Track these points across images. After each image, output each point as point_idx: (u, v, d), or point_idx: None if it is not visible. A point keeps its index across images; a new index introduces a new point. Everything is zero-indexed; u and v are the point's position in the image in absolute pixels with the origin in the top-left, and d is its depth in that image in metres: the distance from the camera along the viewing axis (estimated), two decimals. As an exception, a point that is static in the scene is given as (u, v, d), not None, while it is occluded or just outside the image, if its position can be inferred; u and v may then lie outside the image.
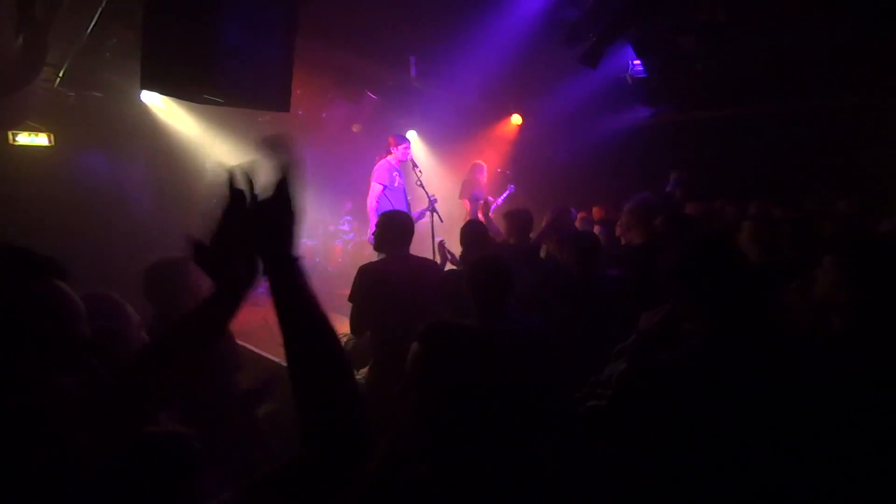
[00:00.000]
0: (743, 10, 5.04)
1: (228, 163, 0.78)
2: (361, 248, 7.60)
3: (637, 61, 6.11)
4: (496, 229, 4.38)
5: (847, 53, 5.52)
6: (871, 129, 5.83)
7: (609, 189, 6.58)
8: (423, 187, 5.17)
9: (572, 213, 4.45)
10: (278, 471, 0.71)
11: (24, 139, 5.58)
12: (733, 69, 6.16)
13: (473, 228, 3.46)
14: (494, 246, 3.63)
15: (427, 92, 6.90)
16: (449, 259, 3.55)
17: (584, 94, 6.76)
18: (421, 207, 5.37)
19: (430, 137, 8.47)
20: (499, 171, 7.39)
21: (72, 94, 5.56)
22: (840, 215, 3.89)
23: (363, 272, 2.77)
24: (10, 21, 3.63)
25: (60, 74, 4.96)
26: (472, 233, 3.39)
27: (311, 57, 4.99)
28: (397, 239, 2.85)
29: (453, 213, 6.37)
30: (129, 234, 5.75)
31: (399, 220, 2.96)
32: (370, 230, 5.00)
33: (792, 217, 3.27)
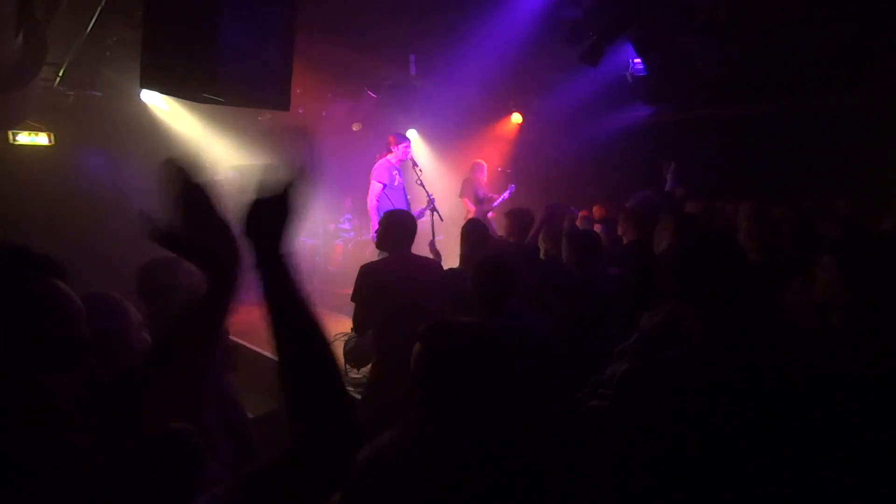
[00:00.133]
0: (743, 9, 5.04)
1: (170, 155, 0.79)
2: (362, 247, 7.59)
3: (637, 60, 6.11)
4: (493, 229, 4.37)
5: (847, 53, 5.52)
6: (871, 128, 5.83)
7: (610, 188, 6.59)
8: (424, 186, 5.17)
9: (573, 211, 4.43)
10: (268, 466, 0.72)
11: (24, 138, 5.59)
12: (733, 68, 6.16)
13: (474, 227, 3.46)
14: (495, 244, 3.63)
15: (427, 90, 6.90)
16: (435, 258, 3.54)
17: (585, 92, 6.76)
18: (421, 206, 5.36)
19: (431, 136, 8.46)
20: (499, 169, 7.39)
21: (71, 93, 5.56)
22: (840, 215, 3.90)
23: (365, 272, 2.78)
24: (9, 20, 3.62)
25: (60, 73, 4.96)
26: (473, 231, 3.39)
27: (311, 55, 4.99)
28: (399, 238, 2.86)
29: (453, 213, 6.37)
30: (128, 233, 5.74)
31: (402, 219, 2.97)
32: (372, 229, 5.00)
33: (791, 216, 3.27)
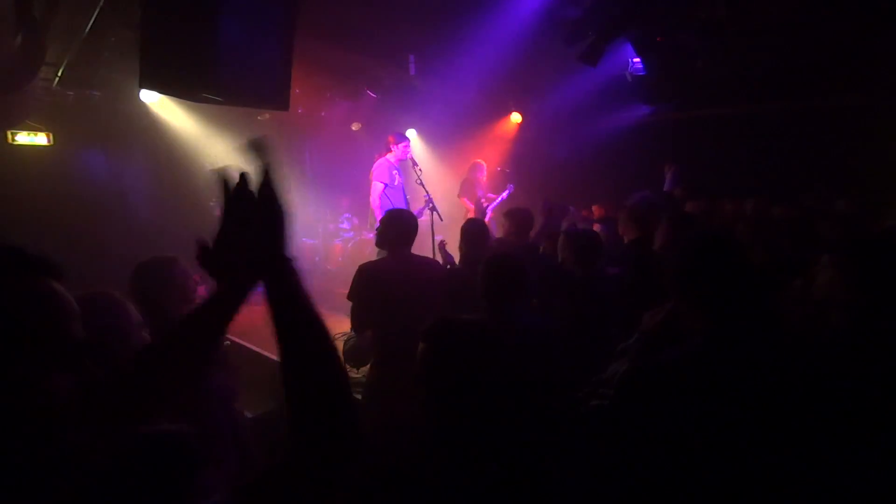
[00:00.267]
0: (743, 8, 5.04)
1: (221, 164, 0.78)
2: (362, 246, 7.59)
3: (637, 59, 6.10)
4: (492, 230, 4.37)
5: (847, 53, 5.52)
6: (872, 128, 5.82)
7: (609, 187, 6.58)
8: (423, 186, 5.17)
9: (569, 210, 4.43)
10: (268, 472, 0.71)
11: (24, 139, 5.58)
12: (733, 68, 6.15)
13: (474, 226, 3.46)
14: (501, 243, 3.62)
15: (426, 90, 6.89)
16: (448, 263, 3.54)
17: (584, 92, 6.75)
18: (420, 206, 5.36)
19: (430, 136, 8.46)
20: (498, 169, 7.38)
21: (71, 93, 5.56)
22: (840, 214, 3.89)
23: (362, 271, 2.78)
24: (8, 20, 3.62)
25: (59, 74, 4.96)
26: (473, 231, 3.39)
27: (310, 55, 4.98)
28: (400, 238, 2.85)
29: (453, 212, 6.36)
30: (128, 232, 5.75)
31: (403, 219, 2.97)
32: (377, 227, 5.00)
33: (791, 216, 3.27)
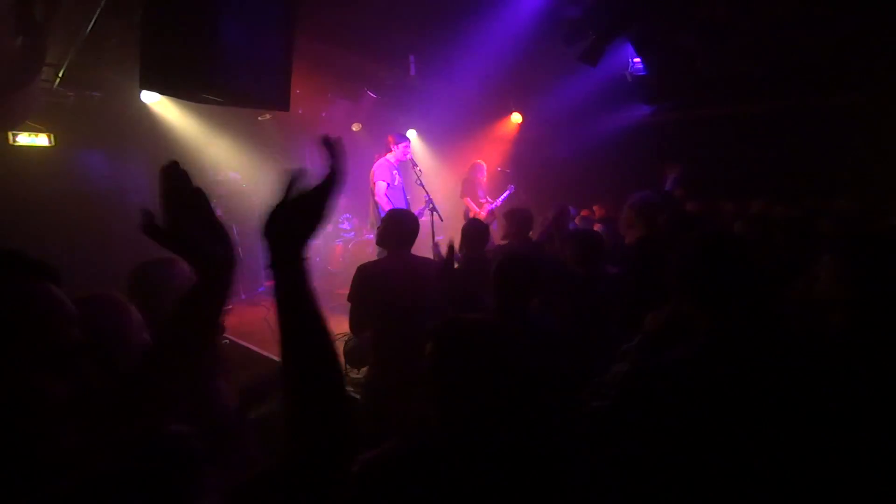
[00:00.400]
0: (743, 8, 5.03)
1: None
2: (362, 247, 7.59)
3: (637, 59, 6.11)
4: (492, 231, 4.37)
5: (848, 51, 5.51)
6: (872, 128, 5.82)
7: (610, 187, 6.59)
8: (423, 186, 5.17)
9: (570, 211, 4.45)
10: (263, 474, 0.71)
11: (25, 139, 5.57)
12: (733, 67, 6.15)
13: (475, 226, 3.46)
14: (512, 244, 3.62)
15: (427, 90, 6.89)
16: (436, 256, 3.53)
17: (584, 92, 6.76)
18: (420, 207, 5.36)
19: (430, 136, 8.46)
20: (498, 169, 7.39)
21: (71, 94, 5.55)
22: (840, 213, 3.89)
23: (361, 271, 2.78)
24: (9, 21, 3.62)
25: (60, 74, 4.96)
26: (474, 231, 3.39)
27: (310, 56, 4.99)
28: (400, 239, 2.85)
29: (453, 212, 6.36)
30: (129, 233, 5.73)
31: (405, 220, 2.96)
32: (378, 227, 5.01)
33: (792, 215, 3.26)
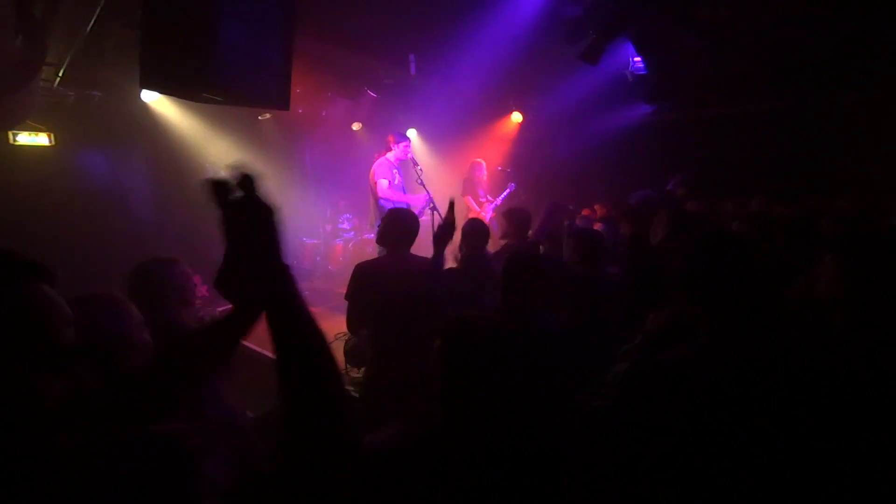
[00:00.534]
0: (743, 7, 5.03)
1: (211, 174, 0.74)
2: (362, 246, 7.60)
3: (637, 58, 6.10)
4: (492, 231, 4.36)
5: (849, 50, 5.51)
6: (872, 127, 5.81)
7: (610, 187, 6.58)
8: (424, 185, 5.17)
9: (569, 209, 4.42)
10: (261, 476, 0.71)
11: (25, 139, 5.57)
12: (734, 66, 6.14)
13: (475, 226, 3.46)
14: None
15: (427, 90, 6.89)
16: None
17: (585, 91, 6.75)
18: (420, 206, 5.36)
19: (430, 135, 8.46)
20: (499, 169, 7.38)
21: (72, 93, 5.55)
22: (841, 213, 3.88)
23: (359, 270, 2.78)
24: (9, 20, 3.62)
25: (60, 74, 4.95)
26: (474, 230, 3.38)
27: (310, 55, 4.98)
28: (400, 238, 2.85)
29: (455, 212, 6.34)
30: (129, 233, 5.75)
31: (403, 218, 2.96)
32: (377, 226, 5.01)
33: (792, 215, 3.26)
